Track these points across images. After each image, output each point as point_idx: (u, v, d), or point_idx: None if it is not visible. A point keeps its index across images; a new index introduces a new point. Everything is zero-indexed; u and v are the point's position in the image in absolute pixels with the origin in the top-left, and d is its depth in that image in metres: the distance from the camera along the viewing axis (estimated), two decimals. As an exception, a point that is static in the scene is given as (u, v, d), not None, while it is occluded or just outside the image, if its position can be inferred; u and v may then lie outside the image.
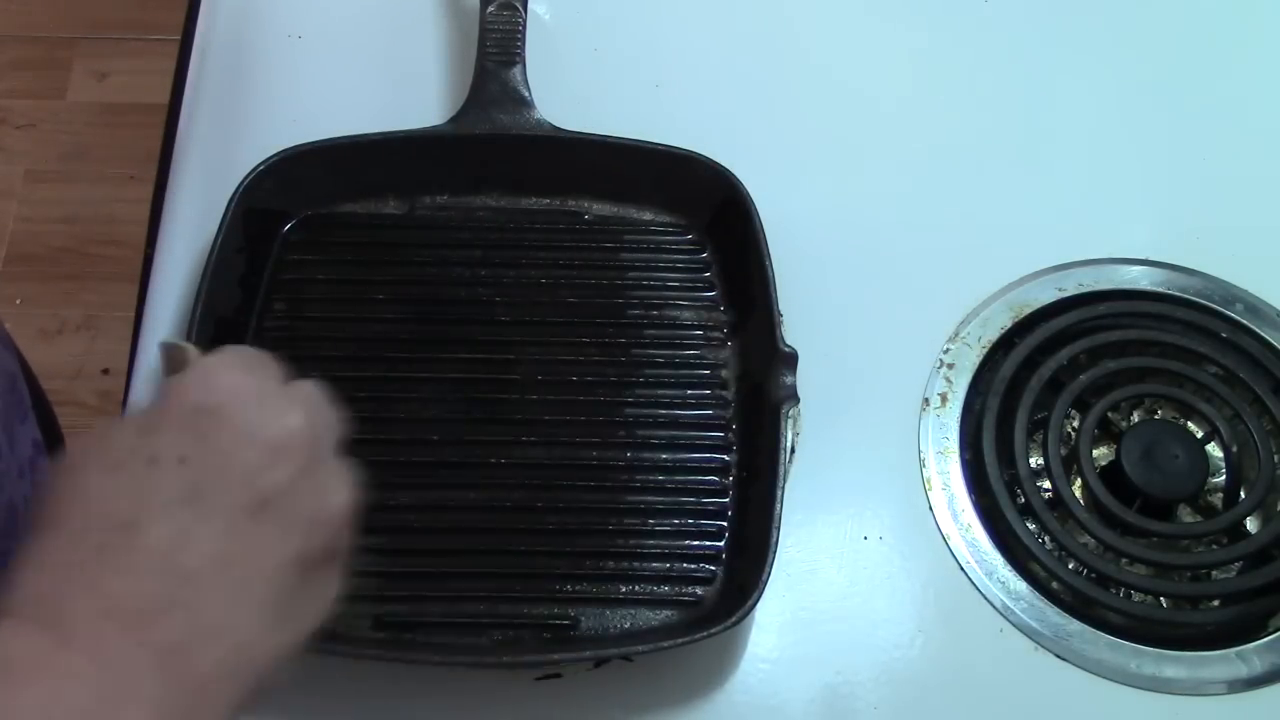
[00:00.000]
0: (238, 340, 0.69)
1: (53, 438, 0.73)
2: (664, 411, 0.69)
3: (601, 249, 0.74)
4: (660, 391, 0.69)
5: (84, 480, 0.42)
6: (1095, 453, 0.69)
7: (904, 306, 0.74)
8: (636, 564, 0.65)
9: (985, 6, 0.85)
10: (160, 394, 0.45)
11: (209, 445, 0.42)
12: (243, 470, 0.43)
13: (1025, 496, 0.68)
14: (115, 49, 1.95)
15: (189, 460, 0.42)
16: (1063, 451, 0.69)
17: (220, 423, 0.43)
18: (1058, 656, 0.64)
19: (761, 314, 0.68)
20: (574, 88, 0.78)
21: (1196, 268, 0.76)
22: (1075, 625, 0.65)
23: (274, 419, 0.44)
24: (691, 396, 0.69)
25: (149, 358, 0.70)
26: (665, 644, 0.61)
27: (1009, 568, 0.66)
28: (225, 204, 0.69)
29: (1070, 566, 0.66)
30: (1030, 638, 0.65)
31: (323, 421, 0.46)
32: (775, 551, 0.61)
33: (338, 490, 0.45)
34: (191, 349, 0.47)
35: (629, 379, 0.70)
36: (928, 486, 0.68)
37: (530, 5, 0.78)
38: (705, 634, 0.60)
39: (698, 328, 0.72)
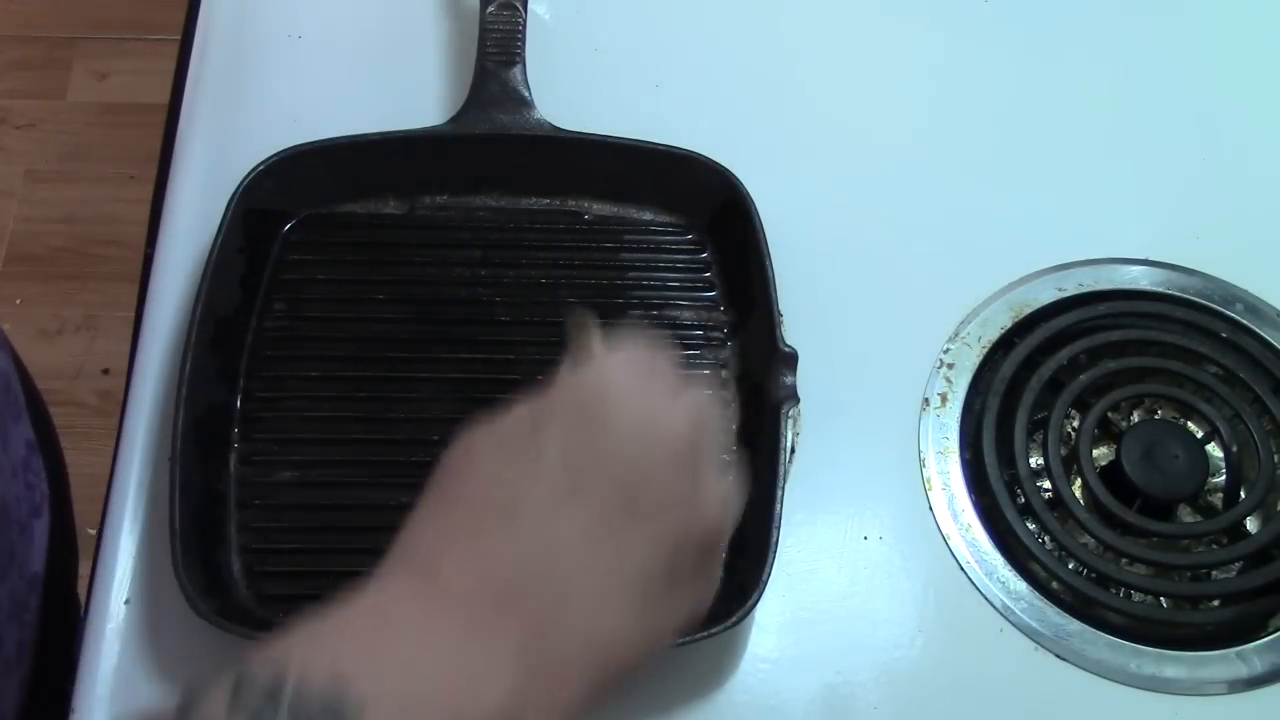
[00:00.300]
0: (238, 340, 0.69)
1: (46, 438, 0.73)
2: (664, 411, 0.69)
3: (601, 249, 0.74)
4: (660, 391, 0.69)
5: (476, 462, 0.45)
6: (1095, 453, 0.69)
7: (904, 306, 0.74)
8: (636, 564, 0.64)
9: (985, 7, 0.85)
10: (559, 378, 0.46)
11: (593, 445, 0.44)
12: (623, 473, 0.44)
13: (1025, 496, 0.68)
14: (115, 49, 1.95)
15: (572, 458, 0.44)
16: (1063, 451, 0.69)
17: (607, 424, 0.44)
18: (1058, 656, 0.64)
19: (761, 314, 0.68)
20: (574, 88, 0.78)
21: (1196, 268, 0.76)
22: (1075, 625, 0.65)
23: (661, 425, 0.45)
24: (691, 396, 0.69)
25: (149, 358, 0.70)
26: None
27: (1009, 568, 0.66)
28: (225, 204, 0.69)
29: (1070, 566, 0.66)
30: (1030, 638, 0.65)
31: (708, 433, 0.46)
32: (775, 551, 0.61)
33: (714, 504, 0.45)
34: (596, 331, 0.47)
35: (629, 379, 0.70)
36: (928, 486, 0.68)
37: (530, 5, 0.78)
38: (705, 634, 0.60)
39: (698, 328, 0.72)
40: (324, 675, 0.37)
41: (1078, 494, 0.68)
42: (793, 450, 0.67)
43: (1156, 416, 0.72)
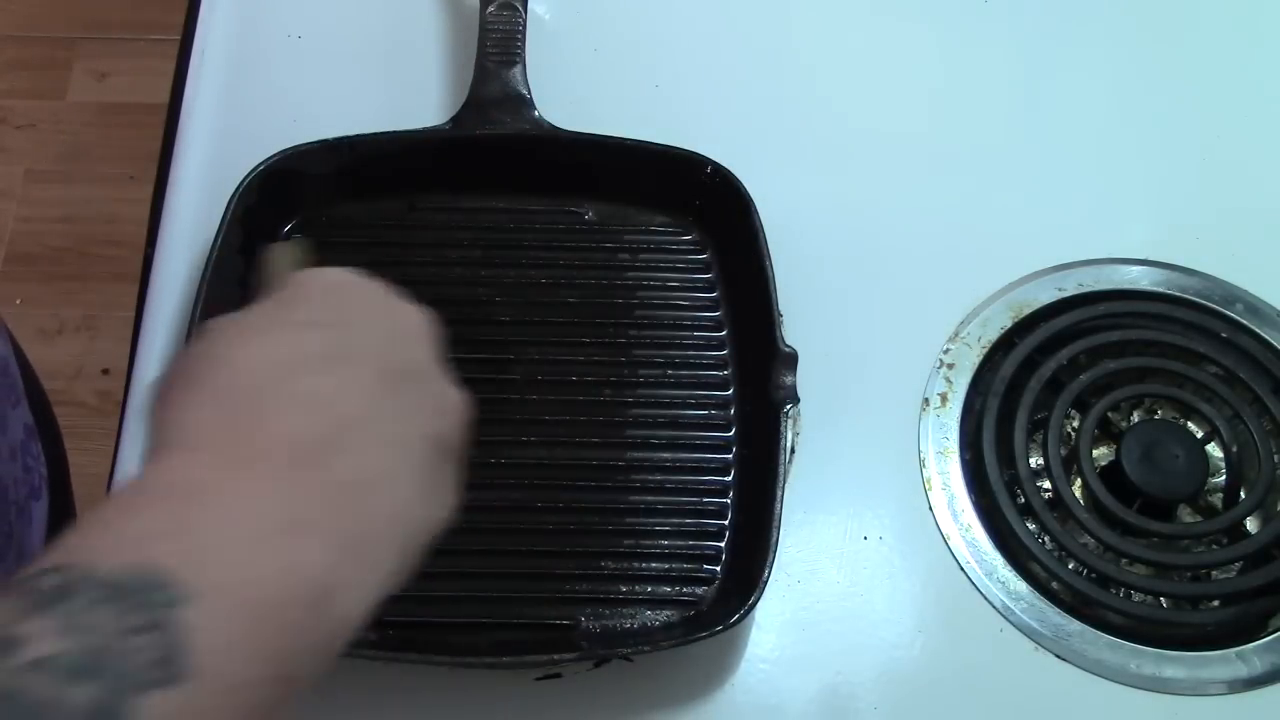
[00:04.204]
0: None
1: (45, 423, 0.73)
2: (664, 411, 0.69)
3: (601, 249, 0.74)
4: (660, 391, 0.69)
5: (227, 345, 0.42)
6: (1095, 453, 0.69)
7: (904, 306, 0.74)
8: (636, 564, 0.65)
9: (985, 6, 0.85)
10: (281, 287, 0.45)
11: (350, 317, 0.44)
12: (381, 343, 0.44)
13: (1025, 496, 0.68)
14: (115, 49, 1.95)
15: (333, 325, 0.43)
16: (1063, 451, 0.69)
17: (356, 299, 0.45)
18: (1058, 656, 0.64)
19: (761, 314, 0.68)
20: (574, 88, 0.78)
21: (1196, 268, 0.76)
22: (1075, 625, 0.65)
23: (401, 309, 0.46)
24: (691, 396, 0.69)
25: (149, 358, 0.70)
26: (665, 644, 0.61)
27: (1009, 568, 0.66)
28: (225, 204, 0.69)
29: (1070, 566, 0.66)
30: (1030, 638, 0.65)
31: (433, 326, 0.47)
32: (775, 551, 0.61)
33: (454, 386, 0.46)
34: (301, 250, 0.49)
35: (629, 379, 0.70)
36: (928, 486, 0.68)
37: (530, 5, 0.78)
38: (705, 634, 0.60)
39: (698, 328, 0.72)
40: (131, 559, 0.33)
41: (1078, 494, 0.68)
42: (793, 450, 0.67)
43: (1156, 416, 0.72)
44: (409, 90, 0.79)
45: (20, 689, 0.30)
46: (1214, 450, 0.70)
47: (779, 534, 0.61)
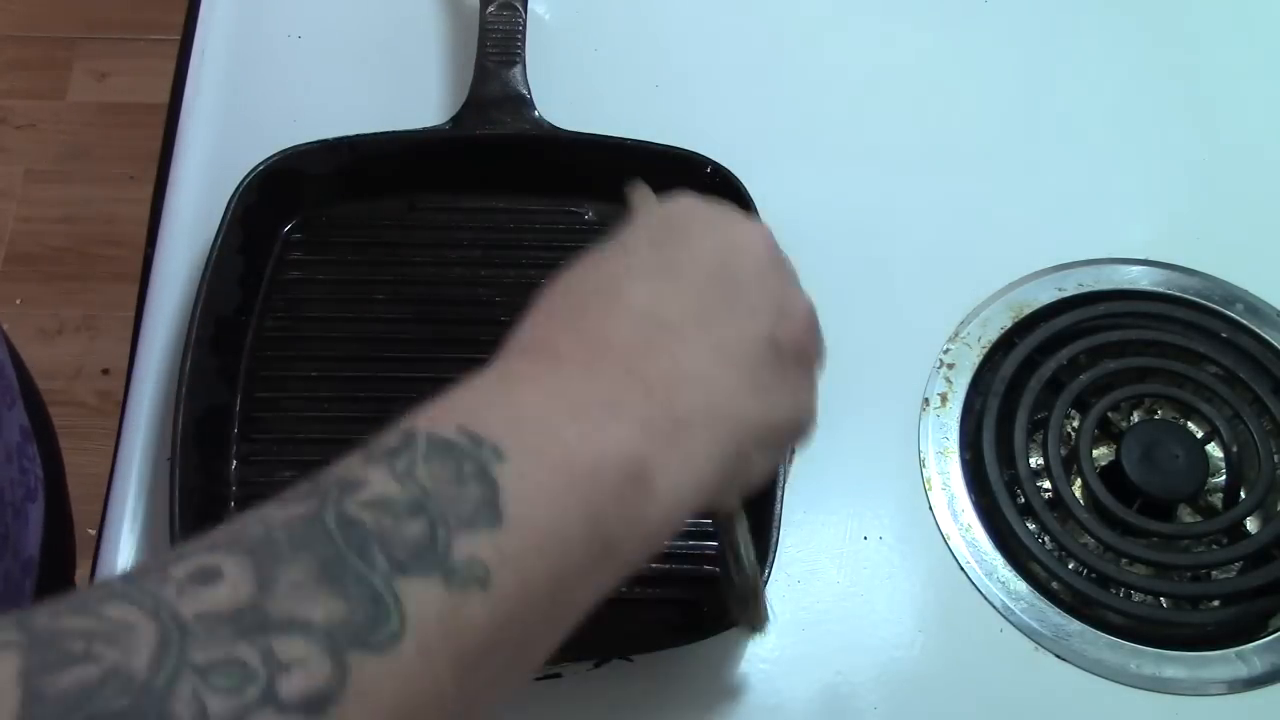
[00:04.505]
0: (238, 340, 0.69)
1: (41, 426, 0.73)
2: (664, 411, 0.69)
3: (601, 249, 0.74)
4: (660, 391, 0.69)
5: (571, 271, 0.47)
6: (1095, 453, 0.69)
7: (904, 306, 0.74)
8: (636, 564, 0.65)
9: (985, 6, 0.85)
10: (635, 217, 0.50)
11: (681, 236, 0.47)
12: (714, 255, 0.47)
13: (1025, 496, 0.68)
14: (115, 49, 1.95)
15: (663, 246, 0.47)
16: (1063, 451, 0.69)
17: (694, 239, 0.47)
18: (1058, 656, 0.64)
19: (761, 314, 0.68)
20: (574, 88, 0.78)
21: (1196, 268, 0.76)
22: (1075, 625, 0.65)
23: (742, 241, 0.48)
24: (691, 396, 0.69)
25: (149, 358, 0.70)
26: (665, 644, 0.61)
27: (1009, 568, 0.66)
28: (225, 204, 0.69)
29: (1070, 566, 0.66)
30: (1030, 638, 0.65)
31: (782, 252, 0.50)
32: (775, 551, 0.61)
33: (802, 294, 0.49)
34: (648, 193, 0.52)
35: (629, 379, 0.70)
36: (928, 486, 0.68)
37: (530, 5, 0.78)
38: (705, 634, 0.60)
39: (698, 328, 0.71)
40: (456, 427, 0.38)
41: (1078, 494, 0.68)
42: (793, 450, 0.67)
43: (1156, 416, 0.72)
44: (409, 90, 0.79)
45: (361, 520, 0.35)
46: (1214, 450, 0.70)
47: (779, 534, 0.61)
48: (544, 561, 0.37)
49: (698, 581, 0.64)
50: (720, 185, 0.72)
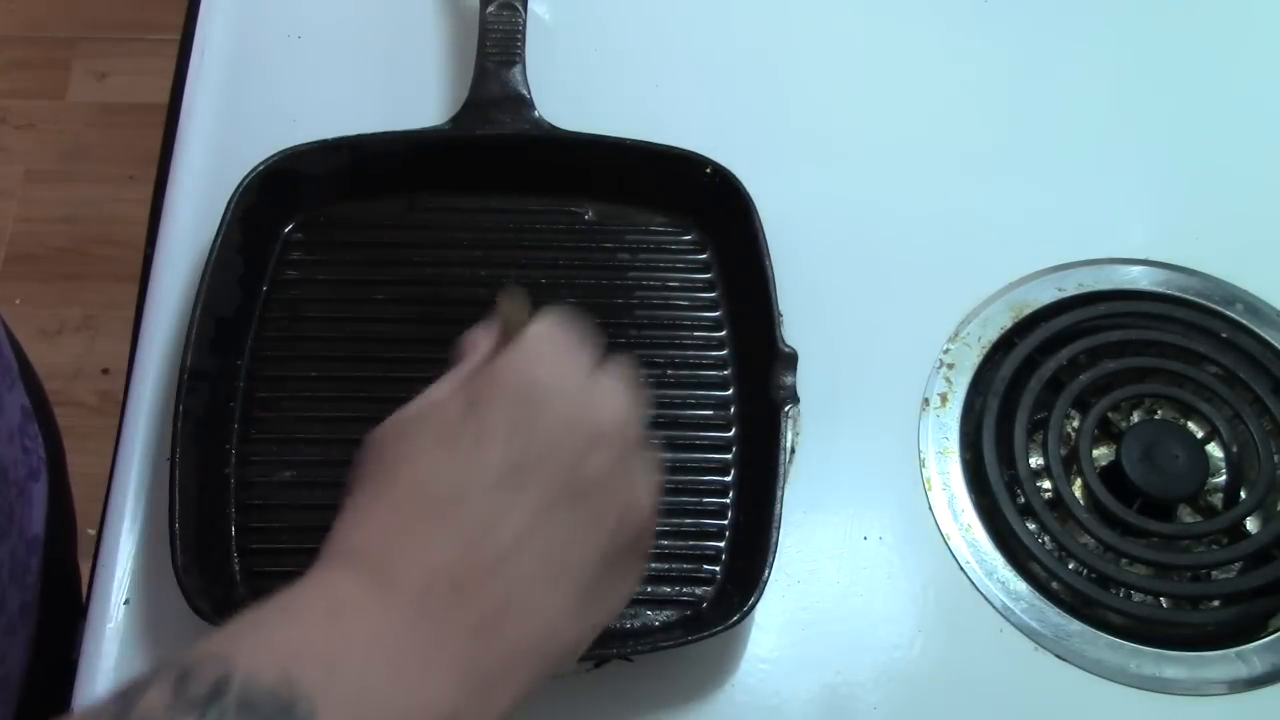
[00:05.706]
0: (238, 340, 0.69)
1: (41, 407, 0.73)
2: (664, 411, 0.69)
3: (601, 249, 0.74)
4: (660, 391, 0.69)
5: (412, 448, 0.44)
6: (1095, 453, 0.69)
7: (904, 306, 0.74)
8: (636, 564, 0.65)
9: (985, 6, 0.85)
10: (487, 358, 0.46)
11: (534, 429, 0.43)
12: (564, 457, 0.44)
13: (1025, 496, 0.68)
14: (115, 49, 1.95)
15: (514, 444, 0.43)
16: (1063, 451, 0.69)
17: (545, 407, 0.44)
18: (1058, 656, 0.64)
19: (761, 314, 0.68)
20: (574, 88, 0.78)
21: (1196, 268, 0.76)
22: (1075, 625, 0.65)
23: (595, 407, 0.45)
24: (691, 396, 0.69)
25: (149, 358, 0.70)
26: (665, 644, 0.61)
27: (1009, 568, 0.66)
28: (225, 204, 0.69)
29: (1070, 566, 0.66)
30: (1030, 638, 0.65)
31: (635, 416, 0.46)
32: (775, 551, 0.61)
33: (647, 484, 0.46)
34: (524, 309, 0.47)
35: (629, 379, 0.70)
36: (928, 486, 0.68)
37: (530, 5, 0.78)
38: (705, 634, 0.60)
39: (698, 328, 0.72)
40: (273, 674, 0.36)
41: (1078, 494, 0.68)
42: (793, 450, 0.67)
43: (1156, 417, 0.72)
44: (409, 90, 0.79)
45: None
46: (1214, 450, 0.70)
47: (779, 534, 0.61)
48: None
49: (698, 581, 0.64)
50: (720, 185, 0.72)
